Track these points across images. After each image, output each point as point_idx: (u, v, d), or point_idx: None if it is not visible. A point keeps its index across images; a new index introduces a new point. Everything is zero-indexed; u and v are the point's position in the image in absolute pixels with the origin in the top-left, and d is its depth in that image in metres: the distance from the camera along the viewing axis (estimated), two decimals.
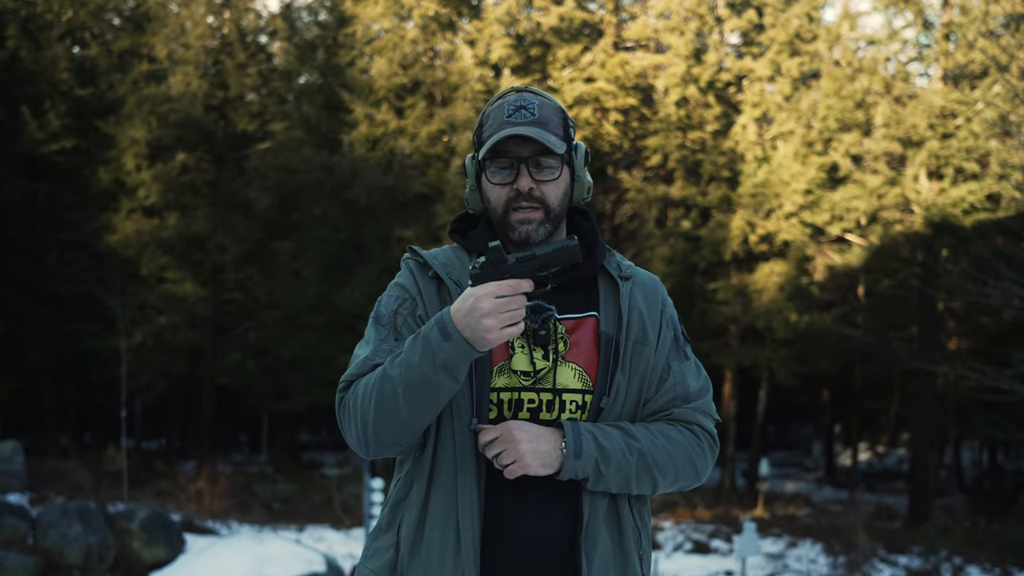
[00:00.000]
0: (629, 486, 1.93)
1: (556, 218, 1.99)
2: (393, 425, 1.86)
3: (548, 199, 1.97)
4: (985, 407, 16.99)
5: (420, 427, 1.88)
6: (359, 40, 17.50)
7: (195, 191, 18.15)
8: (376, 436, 1.88)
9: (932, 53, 17.19)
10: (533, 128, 1.94)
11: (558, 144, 1.95)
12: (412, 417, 1.85)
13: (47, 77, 17.87)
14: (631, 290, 2.04)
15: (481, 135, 2.02)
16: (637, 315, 2.02)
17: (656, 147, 18.24)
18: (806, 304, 17.92)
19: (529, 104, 1.98)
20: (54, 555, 9.62)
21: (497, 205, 1.99)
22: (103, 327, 17.59)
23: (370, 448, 1.91)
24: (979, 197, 15.72)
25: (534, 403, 1.94)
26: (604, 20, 19.06)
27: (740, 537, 10.21)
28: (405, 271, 2.06)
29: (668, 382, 2.01)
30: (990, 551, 14.29)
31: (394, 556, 1.95)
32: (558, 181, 1.98)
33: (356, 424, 1.90)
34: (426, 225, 16.38)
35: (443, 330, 1.79)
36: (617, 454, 1.89)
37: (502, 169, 1.98)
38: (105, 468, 16.55)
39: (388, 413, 1.85)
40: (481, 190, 2.04)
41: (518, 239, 1.98)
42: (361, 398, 1.89)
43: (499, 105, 2.00)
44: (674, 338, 2.06)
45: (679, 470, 1.97)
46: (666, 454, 1.95)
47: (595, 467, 1.88)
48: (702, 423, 2.03)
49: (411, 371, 1.81)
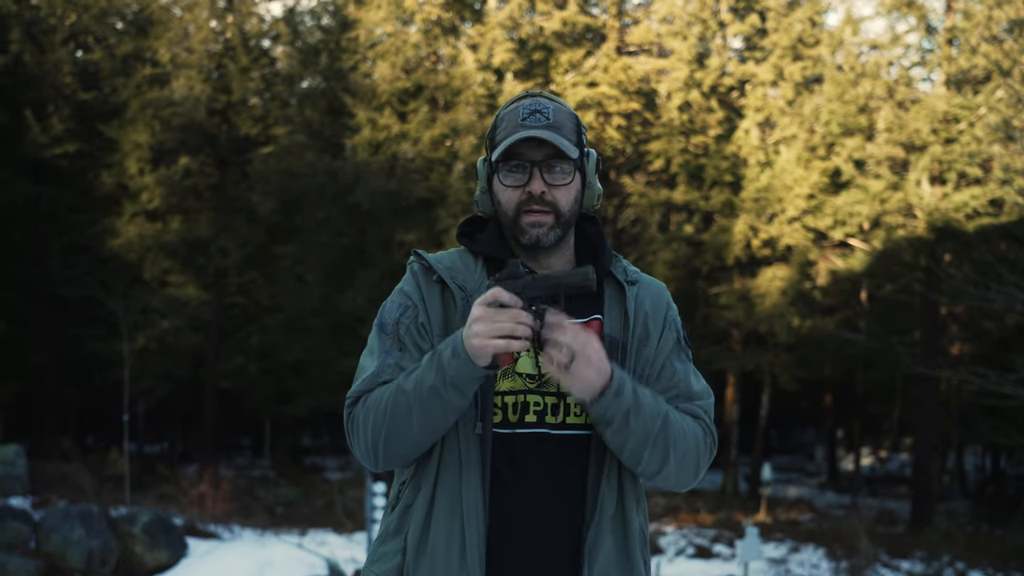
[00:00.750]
0: (643, 451, 1.89)
1: (566, 223, 1.99)
2: (405, 441, 1.88)
3: (560, 203, 1.97)
4: (988, 412, 16.98)
5: (430, 443, 1.90)
6: (362, 44, 17.52)
7: (198, 195, 18.17)
8: (387, 451, 1.90)
9: (935, 58, 17.19)
10: (548, 132, 1.94)
11: (571, 149, 1.95)
12: (423, 433, 1.86)
13: (50, 81, 17.89)
14: (637, 294, 2.04)
15: (495, 137, 2.01)
16: (642, 318, 2.02)
17: (659, 151, 18.24)
18: (809, 309, 17.91)
19: (544, 108, 1.98)
20: (56, 559, 9.62)
21: (508, 208, 1.99)
22: (106, 330, 17.60)
23: (379, 462, 1.93)
24: (982, 202, 15.71)
25: (539, 406, 1.94)
26: (607, 24, 19.07)
27: (742, 542, 10.20)
28: (409, 276, 2.06)
29: (671, 379, 2.01)
30: (993, 556, 14.28)
31: (401, 560, 1.95)
32: (570, 186, 1.98)
33: (367, 439, 1.91)
34: (428, 229, 16.39)
35: (454, 348, 1.80)
36: (647, 411, 1.87)
37: (514, 172, 1.97)
38: (107, 472, 16.55)
39: (400, 429, 1.86)
40: (492, 192, 2.04)
41: (528, 242, 1.98)
42: (373, 414, 1.89)
43: (514, 108, 2.00)
44: (676, 340, 2.06)
45: (687, 454, 1.94)
46: (682, 433, 1.94)
47: (625, 415, 1.85)
48: (707, 421, 2.02)
49: (423, 389, 1.83)
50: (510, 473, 1.93)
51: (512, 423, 1.94)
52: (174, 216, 17.73)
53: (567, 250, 2.06)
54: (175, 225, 17.55)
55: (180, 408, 24.41)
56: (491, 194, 2.04)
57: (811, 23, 18.68)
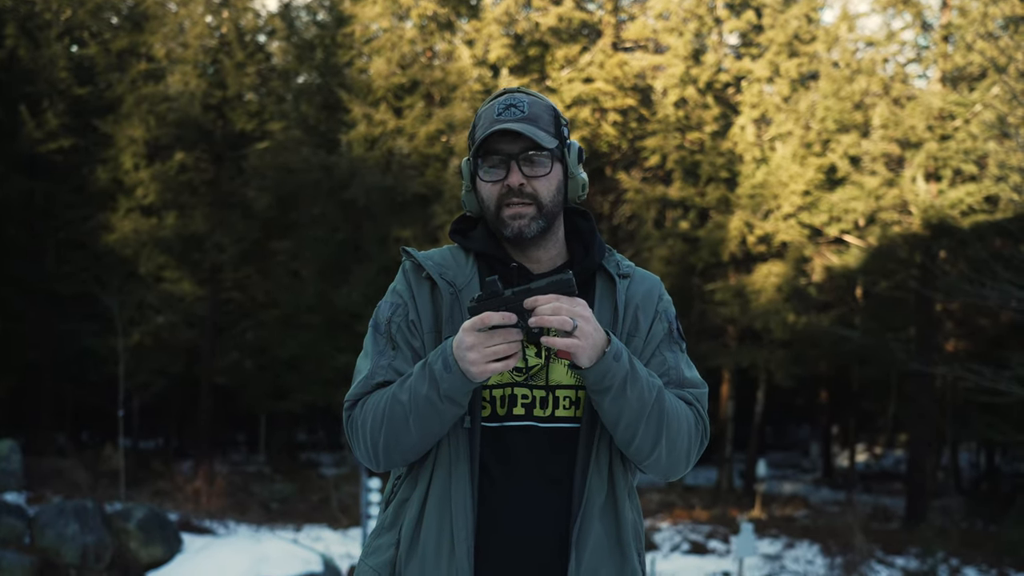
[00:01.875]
0: (639, 423, 1.87)
1: (549, 214, 2.00)
2: (404, 447, 1.92)
3: (540, 194, 1.98)
4: (983, 409, 16.99)
5: (429, 446, 1.93)
6: (357, 40, 17.50)
7: (193, 190, 18.13)
8: (387, 455, 1.94)
9: (931, 55, 17.20)
10: (522, 124, 1.95)
11: (547, 139, 1.96)
12: (421, 438, 1.90)
13: (45, 76, 17.85)
14: (628, 287, 2.04)
15: (474, 136, 2.04)
16: (632, 310, 2.02)
17: (654, 148, 18.24)
18: (804, 305, 17.92)
19: (519, 103, 2.00)
20: (51, 554, 9.61)
21: (490, 203, 2.00)
22: (101, 326, 17.58)
23: (380, 464, 1.97)
24: (977, 199, 15.73)
25: (527, 399, 1.95)
26: (603, 20, 19.06)
27: (737, 538, 10.21)
28: (400, 274, 2.08)
29: (660, 367, 2.00)
30: (987, 553, 14.31)
31: (394, 554, 1.97)
32: (550, 176, 1.99)
33: (367, 444, 1.94)
34: (424, 225, 16.38)
35: (445, 361, 1.82)
36: (643, 381, 1.87)
37: (494, 167, 1.99)
38: (102, 467, 16.53)
39: (399, 436, 1.90)
40: (476, 190, 2.05)
41: (511, 235, 1.99)
42: (371, 421, 1.93)
43: (490, 106, 2.03)
44: (667, 331, 2.06)
45: (680, 436, 1.94)
46: (676, 411, 1.93)
47: (623, 380, 1.84)
48: (700, 409, 2.01)
49: (418, 399, 1.85)
50: (499, 467, 1.94)
51: (500, 416, 1.95)
52: (169, 212, 17.70)
53: (556, 243, 2.06)
54: (170, 221, 17.52)
55: (175, 404, 24.40)
56: (475, 192, 2.06)
57: (807, 19, 18.69)
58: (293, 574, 9.25)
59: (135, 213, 17.70)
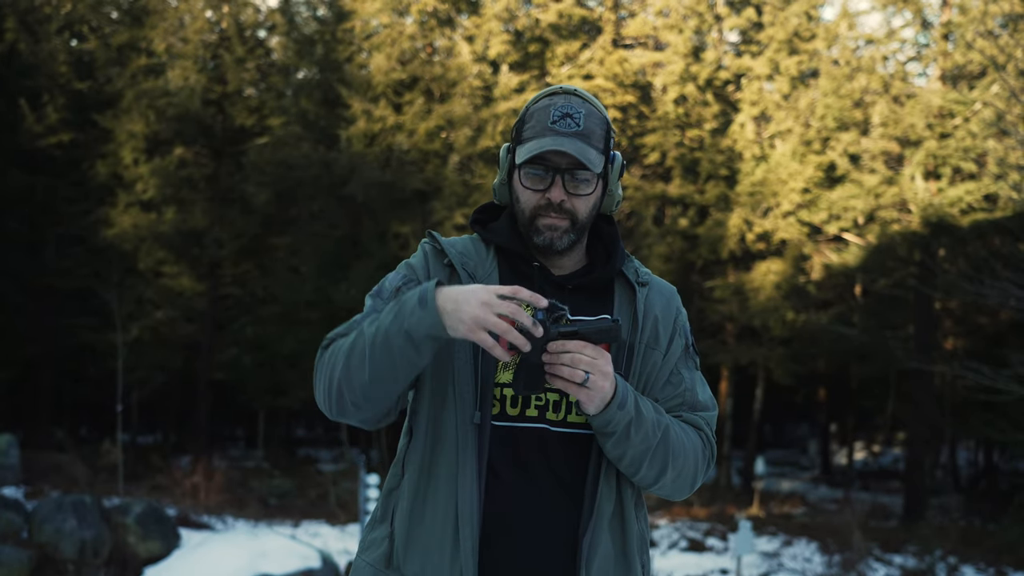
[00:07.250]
0: (642, 462, 1.88)
1: (581, 229, 1.98)
2: (354, 386, 1.84)
3: (578, 212, 1.95)
4: (981, 407, 17.00)
5: (380, 397, 1.85)
6: (357, 35, 17.49)
7: (193, 186, 18.12)
8: (339, 394, 1.86)
9: (930, 53, 17.20)
10: (575, 143, 1.90)
11: (596, 162, 1.92)
12: (372, 380, 1.81)
13: (45, 70, 17.84)
14: (647, 296, 2.03)
15: (522, 131, 1.98)
16: (652, 320, 2.01)
17: (654, 145, 18.24)
18: (803, 303, 17.93)
19: (576, 113, 1.93)
20: (49, 549, 9.61)
21: (526, 208, 1.97)
22: (100, 321, 17.56)
23: (333, 408, 1.90)
24: (976, 197, 15.73)
25: (540, 401, 1.93)
26: (603, 17, 19.05)
27: (735, 535, 10.22)
28: (420, 253, 2.04)
29: (677, 387, 2.00)
30: (985, 550, 14.31)
31: (389, 547, 1.94)
32: (590, 196, 1.97)
33: (326, 380, 1.88)
34: (423, 221, 16.37)
35: (422, 297, 1.76)
36: (648, 423, 1.87)
37: (537, 175, 1.94)
38: (100, 462, 16.53)
39: (352, 371, 1.83)
40: (511, 186, 2.02)
41: (541, 243, 1.96)
42: (334, 356, 1.87)
43: (545, 106, 1.96)
44: (685, 347, 2.05)
45: (686, 467, 1.95)
46: (682, 445, 1.93)
47: (627, 427, 1.84)
48: (709, 434, 2.02)
49: (379, 332, 1.79)
50: (508, 467, 1.91)
51: (511, 416, 1.92)
52: (169, 206, 17.68)
53: (580, 248, 2.04)
54: (170, 216, 17.51)
55: (174, 399, 24.39)
56: (510, 187, 2.03)
57: (807, 17, 18.69)
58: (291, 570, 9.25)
59: (134, 208, 17.69)
